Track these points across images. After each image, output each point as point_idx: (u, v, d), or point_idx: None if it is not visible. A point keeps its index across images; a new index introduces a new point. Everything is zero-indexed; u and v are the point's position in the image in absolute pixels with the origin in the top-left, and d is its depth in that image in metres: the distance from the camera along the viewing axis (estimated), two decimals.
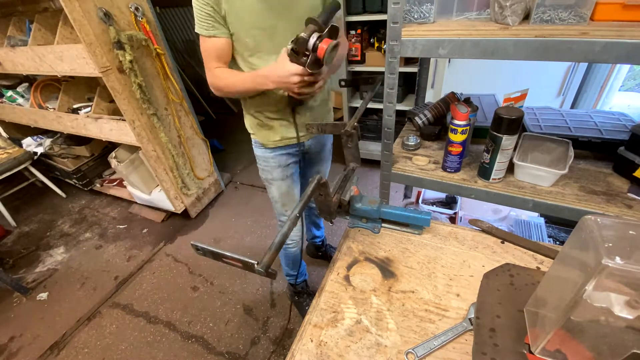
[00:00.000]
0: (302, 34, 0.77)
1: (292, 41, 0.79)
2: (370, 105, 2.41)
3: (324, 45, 0.76)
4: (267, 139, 1.14)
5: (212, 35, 0.93)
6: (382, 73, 0.92)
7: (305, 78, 0.84)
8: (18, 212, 2.67)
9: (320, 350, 0.62)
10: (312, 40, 0.77)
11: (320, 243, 1.87)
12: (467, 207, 1.75)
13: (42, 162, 2.73)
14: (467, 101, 1.11)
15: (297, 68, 0.82)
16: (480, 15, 0.83)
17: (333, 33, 0.80)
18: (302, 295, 1.68)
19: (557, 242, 1.54)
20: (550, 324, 0.46)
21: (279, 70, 0.85)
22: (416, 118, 1.22)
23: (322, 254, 1.90)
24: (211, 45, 0.94)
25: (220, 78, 0.97)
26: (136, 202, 2.53)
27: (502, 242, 0.78)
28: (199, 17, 0.90)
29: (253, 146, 1.22)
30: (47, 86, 2.35)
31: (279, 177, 1.23)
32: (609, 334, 0.42)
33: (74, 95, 2.24)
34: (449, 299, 0.67)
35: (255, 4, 0.88)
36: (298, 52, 0.79)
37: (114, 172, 2.79)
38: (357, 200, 0.83)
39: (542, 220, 1.54)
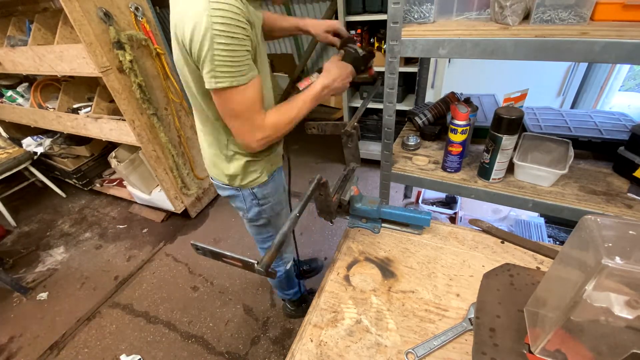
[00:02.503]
0: (369, 48, 0.95)
1: (353, 48, 0.92)
2: (370, 105, 2.41)
3: (372, 69, 0.99)
4: (277, 163, 1.05)
5: (253, 78, 0.71)
6: (382, 73, 0.92)
7: (354, 74, 0.91)
8: (18, 212, 2.67)
9: (320, 350, 0.62)
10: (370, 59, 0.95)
11: (308, 268, 1.82)
12: (467, 207, 1.75)
13: (42, 162, 2.73)
14: (467, 101, 1.11)
15: (351, 69, 0.90)
16: (480, 15, 0.83)
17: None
18: (307, 300, 1.66)
19: (557, 242, 1.54)
20: (550, 324, 0.46)
21: (344, 69, 0.88)
22: (416, 118, 1.22)
23: (311, 274, 1.85)
24: (255, 91, 0.72)
25: (280, 123, 0.79)
26: (136, 202, 2.53)
27: (502, 242, 0.78)
28: (237, 61, 0.65)
29: (257, 191, 1.01)
30: (47, 86, 2.35)
31: (285, 199, 1.16)
32: (609, 334, 0.42)
33: (74, 95, 2.24)
34: (449, 299, 0.67)
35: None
36: (361, 57, 0.93)
37: (114, 172, 2.79)
38: (357, 200, 0.83)
39: (542, 220, 1.54)
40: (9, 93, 2.36)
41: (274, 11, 2.67)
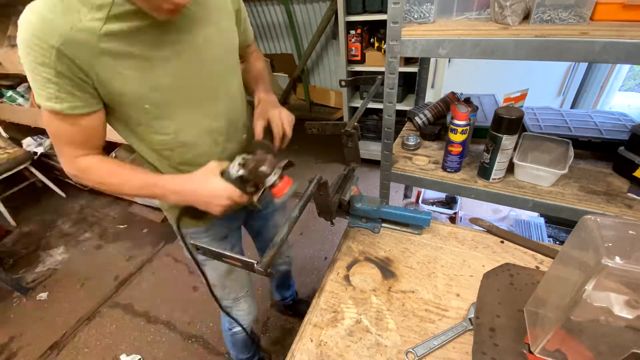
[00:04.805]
0: (263, 168, 0.62)
1: (240, 164, 0.63)
2: (370, 105, 2.41)
3: (285, 186, 0.62)
4: (200, 216, 0.76)
5: (65, 111, 0.60)
6: (382, 73, 0.92)
7: (238, 201, 0.66)
8: (18, 212, 2.67)
9: (320, 350, 0.62)
10: (273, 178, 0.62)
11: (290, 302, 1.60)
12: (467, 207, 1.75)
13: (42, 162, 2.73)
14: (467, 101, 1.11)
15: (233, 191, 0.64)
16: (480, 15, 0.83)
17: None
18: None
19: (557, 242, 1.54)
20: (550, 323, 0.46)
21: (206, 188, 0.65)
22: (416, 118, 1.22)
23: (293, 312, 1.64)
24: (62, 125, 0.62)
25: (93, 175, 0.68)
26: (136, 202, 2.53)
27: (502, 242, 0.78)
28: (37, 81, 0.57)
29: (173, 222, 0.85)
30: None
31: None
32: (609, 334, 0.42)
33: None
34: (449, 299, 0.67)
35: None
36: (248, 180, 0.64)
37: None
38: (357, 200, 0.83)
39: (542, 220, 1.54)
40: (9, 93, 2.37)
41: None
